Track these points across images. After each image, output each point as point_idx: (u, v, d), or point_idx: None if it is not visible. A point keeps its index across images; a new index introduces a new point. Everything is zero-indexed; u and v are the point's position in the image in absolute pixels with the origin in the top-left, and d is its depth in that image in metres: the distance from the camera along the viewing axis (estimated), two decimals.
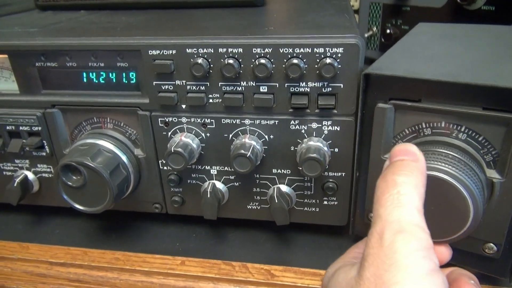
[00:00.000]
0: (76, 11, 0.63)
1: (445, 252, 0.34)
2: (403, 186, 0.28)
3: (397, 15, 0.80)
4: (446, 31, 0.52)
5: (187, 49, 0.40)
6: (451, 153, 0.34)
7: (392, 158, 0.32)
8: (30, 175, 0.50)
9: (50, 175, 0.50)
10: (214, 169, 0.46)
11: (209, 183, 0.46)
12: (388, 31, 0.82)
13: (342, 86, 0.40)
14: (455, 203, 0.32)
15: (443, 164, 0.33)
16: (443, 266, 0.34)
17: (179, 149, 0.42)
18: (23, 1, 0.72)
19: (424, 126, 0.37)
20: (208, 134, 0.44)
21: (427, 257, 0.25)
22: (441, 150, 0.35)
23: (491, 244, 0.37)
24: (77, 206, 0.44)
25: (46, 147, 0.48)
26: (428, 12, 0.74)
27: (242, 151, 0.41)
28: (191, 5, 0.61)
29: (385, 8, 0.81)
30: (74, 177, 0.43)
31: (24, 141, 0.48)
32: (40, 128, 0.47)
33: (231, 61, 0.40)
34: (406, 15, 0.78)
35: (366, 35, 0.86)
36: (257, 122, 0.43)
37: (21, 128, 0.47)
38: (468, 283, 0.32)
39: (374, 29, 0.85)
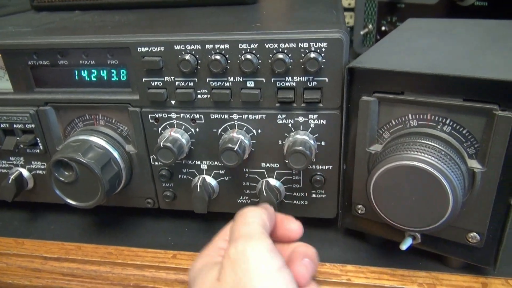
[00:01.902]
0: (70, 12, 0.64)
1: (296, 229, 0.38)
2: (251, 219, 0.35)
3: (392, 12, 0.80)
4: (434, 26, 0.53)
5: (174, 46, 0.41)
6: (432, 143, 0.35)
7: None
8: (25, 172, 0.51)
9: (44, 172, 0.51)
10: (204, 164, 0.47)
11: (199, 177, 0.47)
12: (383, 28, 0.82)
13: (327, 80, 0.40)
14: (435, 192, 0.33)
15: (423, 154, 0.33)
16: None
17: (168, 144, 0.42)
18: (19, 2, 0.73)
19: (410, 117, 0.37)
20: (197, 129, 0.45)
21: (274, 257, 0.31)
22: (422, 141, 0.35)
23: (474, 233, 0.37)
24: (70, 201, 0.45)
25: (40, 144, 0.49)
26: (423, 9, 0.74)
27: (229, 145, 0.41)
28: (184, 3, 0.62)
29: (381, 6, 0.82)
30: (66, 173, 0.44)
31: (18, 138, 0.49)
32: (33, 126, 0.48)
33: (218, 57, 0.40)
34: (401, 12, 0.79)
35: (361, 33, 0.86)
36: (245, 117, 0.43)
37: (15, 125, 0.48)
38: (300, 263, 0.35)
39: (370, 26, 0.85)
